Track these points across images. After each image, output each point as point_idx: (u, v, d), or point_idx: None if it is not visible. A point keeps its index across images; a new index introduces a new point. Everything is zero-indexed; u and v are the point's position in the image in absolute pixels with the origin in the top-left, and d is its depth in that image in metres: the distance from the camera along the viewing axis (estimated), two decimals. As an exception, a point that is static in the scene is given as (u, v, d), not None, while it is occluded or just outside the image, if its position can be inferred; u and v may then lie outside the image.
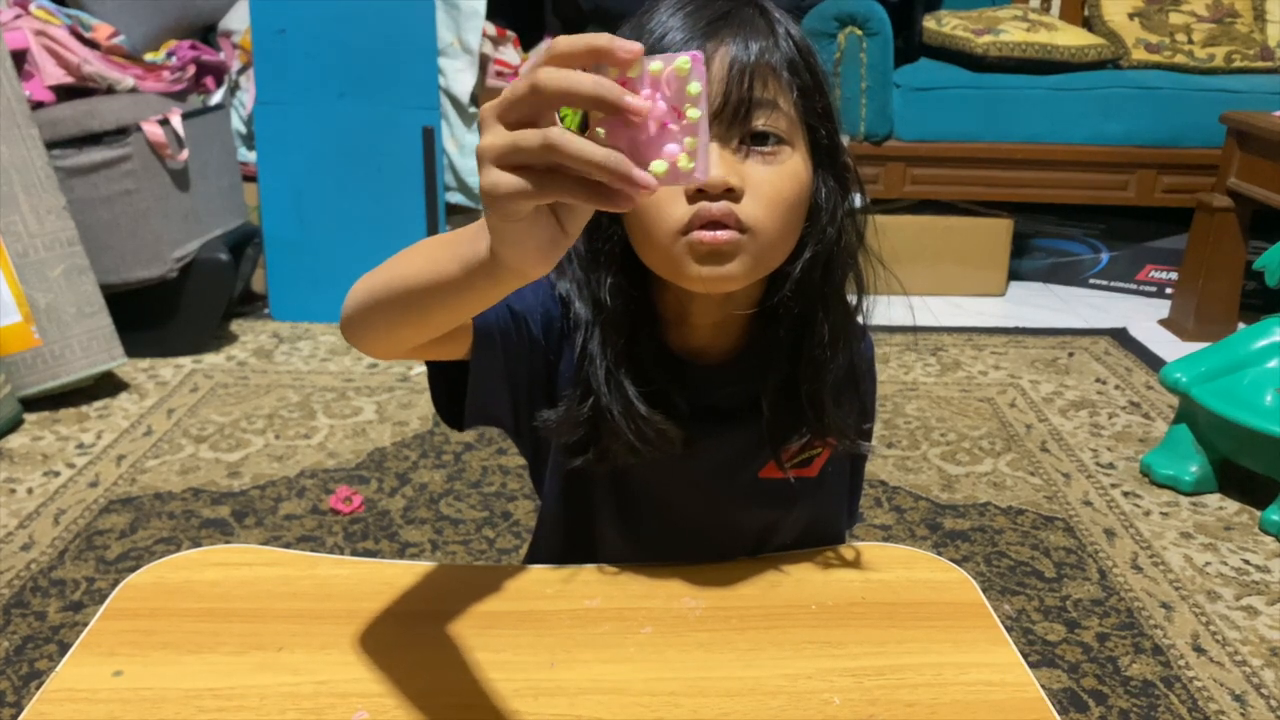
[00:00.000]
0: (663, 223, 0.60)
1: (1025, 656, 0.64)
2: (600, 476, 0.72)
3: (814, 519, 0.76)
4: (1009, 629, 1.19)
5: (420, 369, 2.18)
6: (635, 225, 0.63)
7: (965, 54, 2.64)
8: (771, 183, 0.61)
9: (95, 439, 1.86)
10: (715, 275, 0.61)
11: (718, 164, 0.59)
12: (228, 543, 1.52)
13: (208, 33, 2.78)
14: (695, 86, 0.41)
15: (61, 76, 2.06)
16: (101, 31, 2.15)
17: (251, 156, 2.57)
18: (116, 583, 0.68)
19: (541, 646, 0.62)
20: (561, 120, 0.44)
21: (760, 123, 0.60)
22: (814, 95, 0.63)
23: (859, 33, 2.52)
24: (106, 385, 2.06)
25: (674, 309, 0.67)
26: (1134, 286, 2.80)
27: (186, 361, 2.20)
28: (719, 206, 0.59)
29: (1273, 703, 1.25)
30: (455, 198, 2.52)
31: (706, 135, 0.42)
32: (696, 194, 0.60)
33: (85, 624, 0.63)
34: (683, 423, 0.67)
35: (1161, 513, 1.69)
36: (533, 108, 0.41)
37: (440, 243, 0.52)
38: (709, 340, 0.69)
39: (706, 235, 0.59)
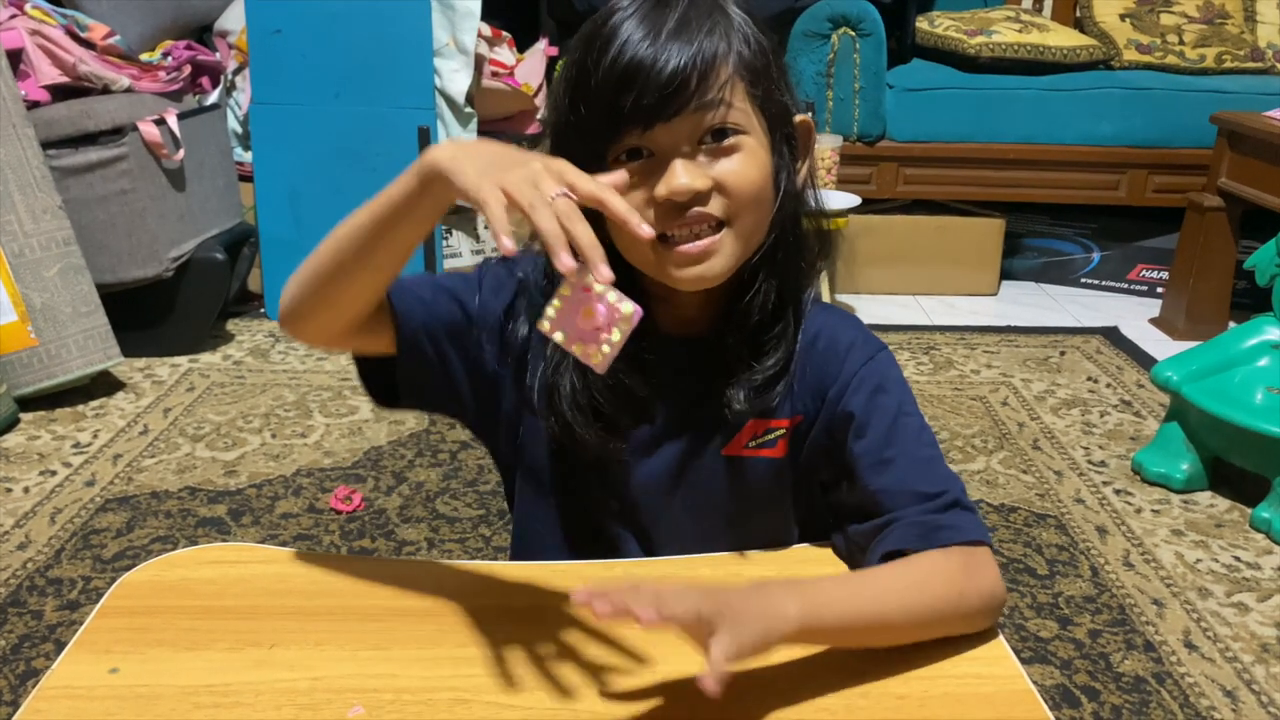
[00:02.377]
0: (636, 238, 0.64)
1: (1018, 653, 0.65)
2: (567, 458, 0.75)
3: (790, 515, 0.76)
4: (1001, 626, 1.19)
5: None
6: (616, 231, 0.66)
7: (958, 55, 2.65)
8: (736, 173, 0.64)
9: (92, 438, 1.86)
10: (696, 275, 0.65)
11: (683, 173, 0.62)
12: (224, 541, 1.52)
13: (203, 33, 2.78)
14: (623, 329, 0.56)
15: (57, 76, 2.06)
16: (97, 31, 2.15)
17: (247, 156, 2.57)
18: (113, 581, 0.68)
19: (535, 642, 0.62)
20: None
21: (717, 120, 0.63)
22: (763, 77, 0.65)
23: (852, 34, 2.53)
24: (103, 384, 2.06)
25: (662, 287, 0.69)
26: (1125, 286, 2.82)
27: (183, 361, 2.21)
28: (693, 214, 0.63)
29: (1264, 698, 1.26)
30: (451, 198, 2.52)
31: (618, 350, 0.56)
32: (665, 203, 0.63)
33: (82, 622, 0.64)
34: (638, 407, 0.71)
35: (1153, 510, 1.70)
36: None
37: (372, 202, 0.61)
38: (697, 312, 0.72)
39: (687, 248, 0.64)
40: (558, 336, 0.56)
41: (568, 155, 0.65)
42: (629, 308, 0.55)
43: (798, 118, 0.70)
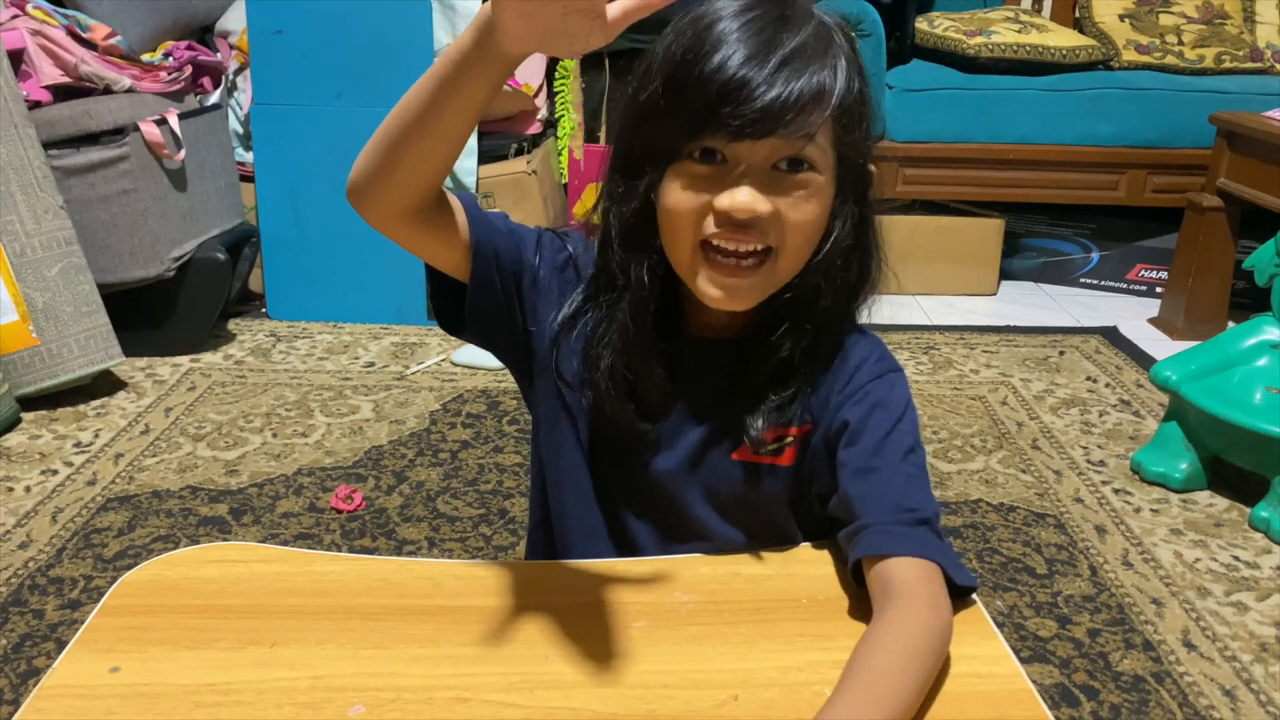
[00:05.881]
0: (685, 234, 0.65)
1: (1017, 652, 0.65)
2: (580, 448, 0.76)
3: (795, 518, 0.77)
4: (1000, 625, 1.19)
5: (417, 367, 2.19)
6: (665, 232, 0.67)
7: (957, 55, 2.65)
8: (798, 208, 0.64)
9: (93, 438, 1.87)
10: (724, 300, 0.66)
11: (749, 194, 0.63)
12: (225, 540, 1.52)
13: (205, 33, 2.78)
14: None
15: (58, 76, 2.06)
16: (98, 32, 2.15)
17: (249, 157, 2.57)
18: (114, 580, 0.68)
19: (536, 641, 0.63)
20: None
21: (798, 151, 0.63)
22: (854, 124, 0.66)
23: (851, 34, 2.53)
24: (104, 384, 2.06)
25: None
26: (1124, 285, 2.82)
27: (184, 360, 2.21)
28: (744, 233, 0.64)
29: (1262, 698, 1.26)
30: (451, 198, 2.52)
31: None
32: (721, 215, 0.64)
33: (83, 621, 0.64)
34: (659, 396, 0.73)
35: (1152, 509, 1.70)
36: None
37: (435, 63, 0.59)
38: (726, 319, 0.73)
39: (724, 277, 0.65)
40: None
41: (641, 133, 0.66)
42: None
43: (871, 167, 0.70)
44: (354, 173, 0.66)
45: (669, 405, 0.74)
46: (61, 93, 2.08)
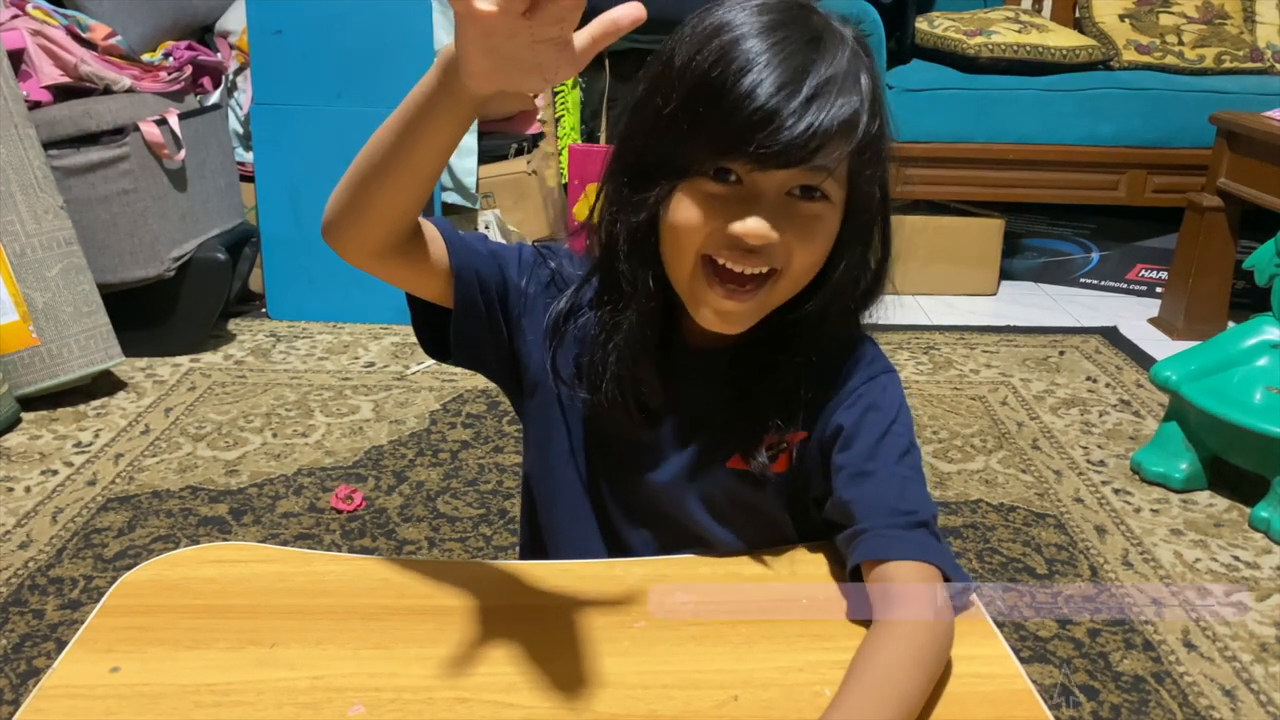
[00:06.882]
0: (690, 250, 0.64)
1: (1017, 652, 0.65)
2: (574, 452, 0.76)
3: (784, 525, 0.77)
4: (1000, 624, 1.19)
5: (417, 367, 2.19)
6: (666, 247, 0.67)
7: (957, 55, 2.65)
8: (807, 235, 0.64)
9: (93, 438, 1.87)
10: (719, 323, 0.66)
11: (763, 223, 0.62)
12: (225, 540, 1.52)
13: (205, 33, 2.78)
14: None
15: (58, 76, 2.06)
16: (98, 32, 2.15)
17: (249, 157, 2.57)
18: (114, 580, 0.68)
19: (536, 640, 0.63)
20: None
21: (814, 180, 0.63)
22: (870, 159, 0.65)
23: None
24: (104, 384, 2.06)
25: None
26: (1124, 285, 2.82)
27: (184, 360, 2.21)
28: (753, 255, 0.63)
29: (1262, 698, 1.26)
30: (451, 198, 2.53)
31: None
32: (732, 236, 0.63)
33: (83, 621, 0.64)
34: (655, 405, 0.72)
35: (1152, 510, 1.70)
36: None
37: (401, 104, 0.59)
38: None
39: (725, 300, 0.65)
40: None
41: (654, 143, 0.65)
42: None
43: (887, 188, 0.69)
44: (327, 212, 0.65)
45: (665, 413, 0.73)
46: (61, 93, 2.08)
